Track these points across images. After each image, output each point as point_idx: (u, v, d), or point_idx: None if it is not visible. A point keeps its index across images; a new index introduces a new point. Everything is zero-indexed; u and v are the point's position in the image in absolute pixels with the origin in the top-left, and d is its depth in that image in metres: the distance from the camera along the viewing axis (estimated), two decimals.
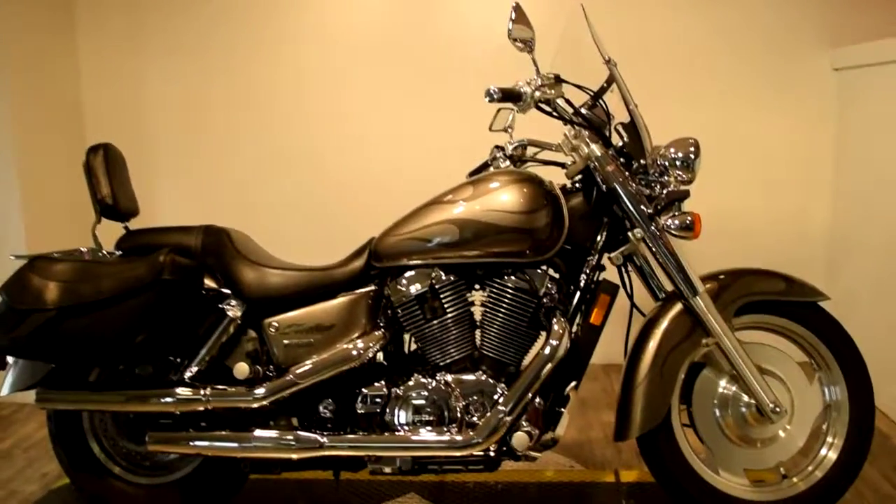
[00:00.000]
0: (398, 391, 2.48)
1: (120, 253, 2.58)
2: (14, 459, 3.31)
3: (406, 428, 2.47)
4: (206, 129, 4.30)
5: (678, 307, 2.45)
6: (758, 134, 4.02)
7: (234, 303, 2.52)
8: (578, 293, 2.48)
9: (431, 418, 2.46)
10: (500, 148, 2.61)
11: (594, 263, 2.49)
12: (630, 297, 2.55)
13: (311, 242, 3.29)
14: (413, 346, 2.57)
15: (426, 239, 2.42)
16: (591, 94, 2.51)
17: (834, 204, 4.02)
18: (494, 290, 2.45)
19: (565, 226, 2.41)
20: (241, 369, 2.49)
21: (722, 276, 2.49)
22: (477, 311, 2.50)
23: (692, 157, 2.35)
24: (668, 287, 2.48)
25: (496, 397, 2.43)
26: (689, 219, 2.36)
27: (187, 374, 2.51)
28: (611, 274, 2.52)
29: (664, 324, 2.44)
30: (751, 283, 2.49)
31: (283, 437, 2.47)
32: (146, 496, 2.71)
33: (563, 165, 2.58)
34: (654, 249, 2.42)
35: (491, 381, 2.45)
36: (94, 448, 2.71)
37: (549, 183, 2.45)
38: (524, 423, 2.40)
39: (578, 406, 3.61)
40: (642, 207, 2.40)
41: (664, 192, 2.41)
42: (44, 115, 4.01)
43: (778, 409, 2.42)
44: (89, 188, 2.54)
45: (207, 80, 4.26)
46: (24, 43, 3.87)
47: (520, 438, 2.39)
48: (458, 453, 2.40)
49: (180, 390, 2.49)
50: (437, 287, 2.44)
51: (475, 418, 2.43)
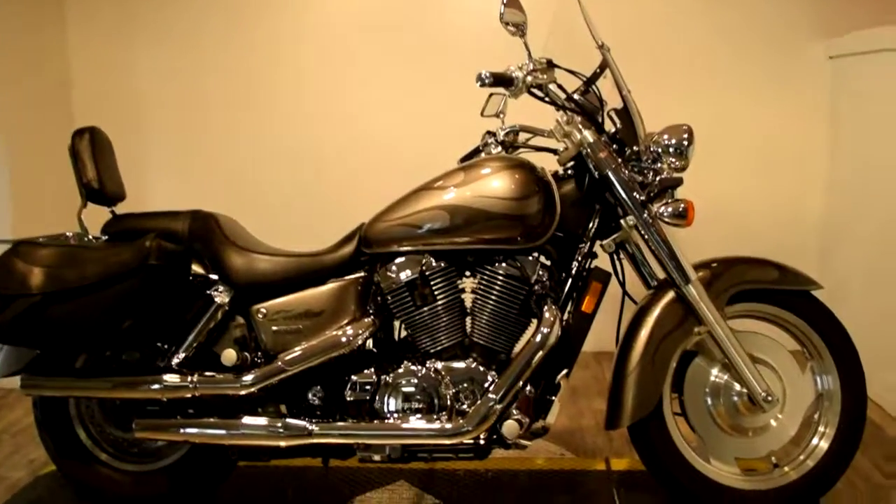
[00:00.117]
0: (388, 378, 2.46)
1: (106, 238, 2.55)
2: (1, 445, 3.29)
3: (395, 415, 2.45)
4: (196, 114, 4.26)
5: (670, 295, 2.44)
6: (751, 121, 4.01)
7: (221, 289, 2.50)
8: (570, 280, 2.47)
9: (421, 406, 2.44)
10: (491, 133, 2.59)
11: (586, 251, 2.47)
12: (622, 284, 2.54)
13: (299, 228, 3.26)
14: (403, 333, 2.55)
15: (416, 225, 2.40)
16: (584, 79, 2.49)
17: (827, 192, 4.01)
18: (485, 277, 2.43)
19: (557, 212, 2.39)
20: (229, 356, 2.47)
21: (714, 265, 2.48)
22: (468, 299, 2.49)
23: (685, 143, 2.34)
24: (661, 275, 2.47)
25: (486, 385, 2.41)
26: (682, 206, 2.34)
27: (174, 361, 2.49)
28: (603, 261, 2.50)
29: (656, 312, 2.43)
30: (743, 272, 2.47)
31: (272, 425, 2.45)
32: (133, 483, 2.69)
33: (555, 152, 2.56)
34: (646, 237, 2.41)
35: (481, 368, 2.43)
36: (80, 435, 2.69)
37: (541, 169, 2.43)
38: (514, 412, 2.39)
39: (569, 394, 3.60)
40: (635, 194, 2.39)
41: (657, 179, 2.40)
42: (32, 100, 3.97)
43: (770, 398, 2.41)
44: (75, 172, 2.51)
45: (198, 65, 4.22)
46: (11, 27, 3.82)
47: (510, 427, 2.38)
48: (448, 441, 2.39)
49: (167, 377, 2.47)
50: (427, 274, 2.42)
51: (465, 406, 2.42)
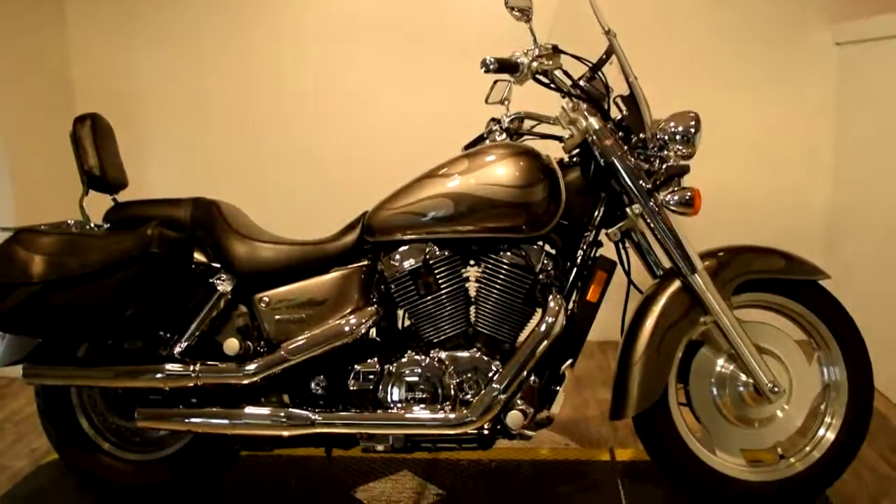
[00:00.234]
0: (391, 368, 2.45)
1: (108, 226, 2.53)
2: (4, 434, 3.28)
3: (399, 405, 2.44)
4: (199, 102, 4.23)
5: (676, 284, 2.41)
6: (758, 109, 3.97)
7: (224, 277, 2.49)
8: (575, 269, 2.44)
9: (425, 396, 2.42)
10: (496, 120, 2.56)
11: (591, 239, 2.45)
12: (627, 273, 2.52)
13: (302, 216, 3.24)
14: (406, 322, 2.53)
15: (420, 213, 2.38)
16: (590, 65, 2.46)
17: (833, 181, 3.98)
18: (489, 266, 2.41)
19: (562, 200, 2.37)
20: (232, 345, 2.45)
21: (721, 254, 2.46)
22: (472, 287, 2.47)
23: (692, 131, 2.31)
24: (666, 264, 2.45)
25: (490, 375, 2.39)
26: (689, 194, 2.32)
27: (177, 350, 2.47)
28: (608, 250, 2.48)
29: (662, 301, 2.41)
30: (750, 261, 2.45)
31: (275, 414, 2.44)
32: (135, 472, 2.68)
33: (560, 139, 2.52)
34: (652, 225, 2.38)
35: (485, 358, 2.41)
36: (83, 424, 2.68)
37: (546, 157, 2.41)
38: (519, 402, 2.37)
39: (574, 383, 3.57)
40: (641, 182, 2.36)
41: (663, 166, 2.37)
42: (33, 87, 3.95)
43: (776, 389, 2.39)
44: (76, 159, 2.49)
45: (200, 52, 4.19)
46: (12, 26, 3.80)
47: (514, 417, 2.36)
48: (452, 431, 2.37)
49: (169, 366, 2.45)
50: (431, 262, 2.40)
51: (469, 396, 2.40)
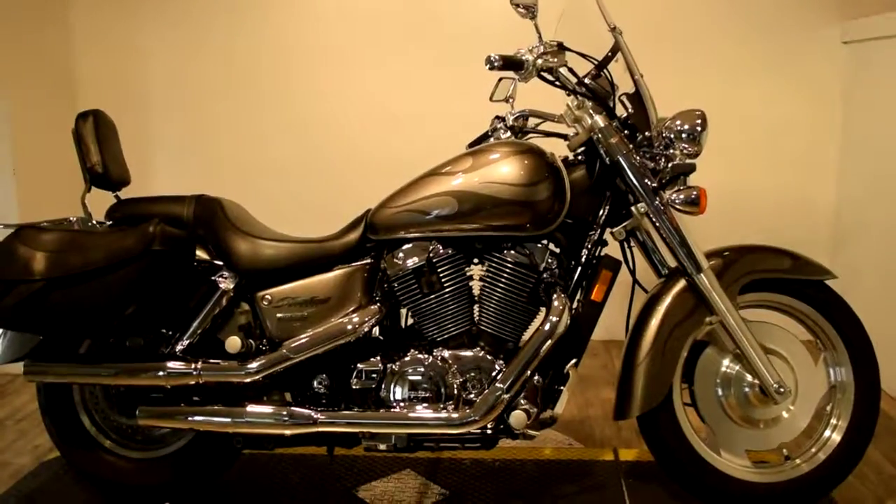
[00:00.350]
0: (394, 367, 2.43)
1: (110, 223, 2.52)
2: (6, 431, 3.28)
3: (401, 404, 2.42)
4: (202, 99, 4.23)
5: (681, 284, 2.40)
6: (764, 107, 3.96)
7: (226, 275, 2.47)
8: (579, 268, 2.43)
9: (427, 395, 2.41)
10: (500, 118, 2.55)
11: (596, 238, 2.43)
12: (632, 273, 2.50)
13: (305, 213, 3.23)
14: (409, 321, 2.51)
15: (424, 211, 2.36)
16: (596, 63, 2.44)
17: (839, 180, 3.96)
18: (493, 265, 2.39)
19: (567, 199, 2.35)
20: (234, 343, 2.43)
21: (727, 253, 2.44)
22: (475, 286, 2.45)
23: (699, 129, 2.29)
24: (672, 263, 2.43)
25: (494, 374, 2.38)
26: (695, 193, 2.30)
27: (179, 348, 2.47)
28: (613, 249, 2.46)
29: (667, 301, 2.39)
30: (756, 261, 2.43)
31: (277, 413, 2.42)
32: (137, 470, 2.67)
33: (565, 137, 2.52)
34: (657, 224, 2.37)
35: (489, 357, 2.40)
36: (84, 421, 2.67)
37: (551, 155, 2.39)
38: (522, 401, 2.35)
39: (578, 383, 3.56)
40: (646, 181, 2.35)
41: (669, 165, 2.35)
42: (37, 84, 3.94)
43: (782, 390, 2.37)
44: (78, 156, 2.48)
45: (204, 48, 4.19)
46: (15, 16, 3.79)
47: (518, 417, 2.34)
48: (455, 431, 2.35)
49: (171, 364, 2.44)
50: (434, 261, 2.39)
51: (472, 395, 2.39)
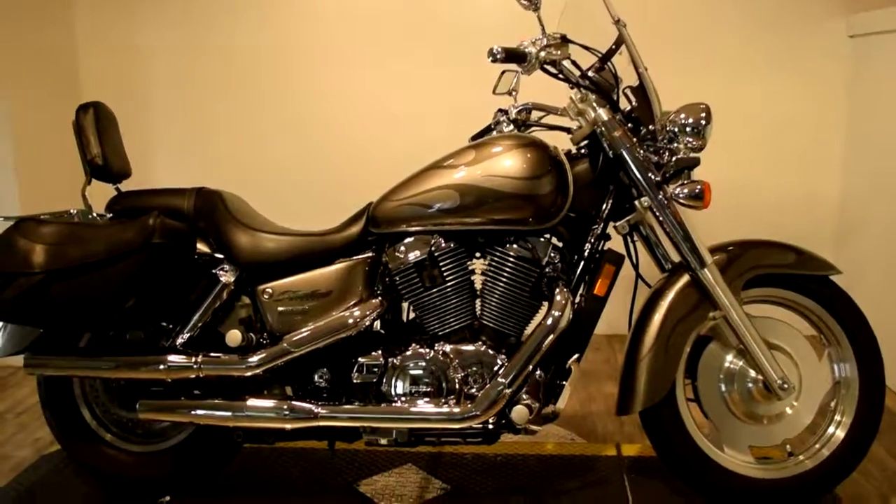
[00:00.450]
0: (395, 361, 2.42)
1: (110, 215, 2.51)
2: (6, 424, 3.27)
3: (403, 399, 2.41)
4: (204, 91, 4.21)
5: (685, 279, 2.38)
6: (768, 102, 3.93)
7: (227, 268, 2.46)
8: (582, 263, 2.41)
9: (429, 389, 2.40)
10: (503, 111, 2.52)
11: (599, 232, 2.42)
12: (635, 267, 2.49)
13: (307, 206, 3.22)
14: (411, 315, 2.50)
15: (425, 204, 2.35)
16: (599, 55, 2.42)
17: (843, 175, 3.94)
18: (495, 259, 2.38)
19: (570, 193, 2.34)
20: (234, 336, 2.42)
21: (731, 248, 2.42)
22: (477, 280, 2.44)
23: (703, 122, 2.28)
24: (675, 258, 2.41)
25: (496, 369, 2.37)
26: (699, 187, 2.28)
27: (179, 341, 2.46)
28: (616, 243, 2.45)
29: (670, 296, 2.38)
30: (760, 256, 2.42)
31: (277, 407, 2.41)
32: (138, 464, 2.66)
33: (568, 130, 2.50)
34: (661, 219, 2.35)
35: (491, 352, 2.39)
36: (85, 415, 2.66)
37: (554, 148, 2.37)
38: (524, 396, 2.34)
39: (580, 377, 3.55)
40: (650, 175, 2.33)
41: (673, 159, 2.33)
42: (39, 83, 3.93)
43: (786, 386, 2.36)
44: (79, 148, 2.47)
45: (205, 48, 4.17)
46: (19, 6, 3.78)
47: (519, 411, 2.33)
48: (456, 426, 2.35)
49: (172, 357, 2.43)
50: (436, 254, 2.37)
51: (474, 390, 2.37)
